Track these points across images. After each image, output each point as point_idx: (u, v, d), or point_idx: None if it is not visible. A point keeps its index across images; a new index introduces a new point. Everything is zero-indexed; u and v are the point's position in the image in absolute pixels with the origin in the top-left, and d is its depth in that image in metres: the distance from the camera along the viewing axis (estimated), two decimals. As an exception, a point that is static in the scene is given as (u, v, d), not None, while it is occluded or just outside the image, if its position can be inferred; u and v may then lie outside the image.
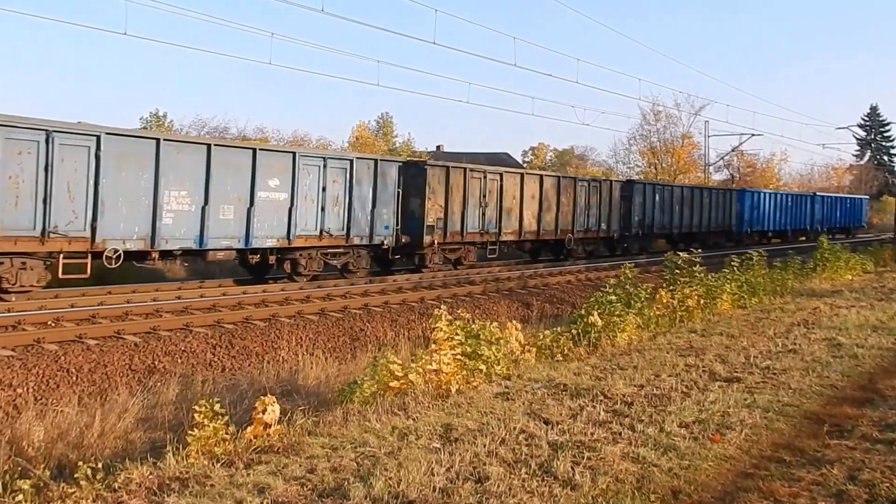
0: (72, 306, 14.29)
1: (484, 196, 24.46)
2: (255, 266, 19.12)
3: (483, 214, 24.47)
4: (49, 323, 12.78)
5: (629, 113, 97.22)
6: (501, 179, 25.41)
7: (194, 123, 45.79)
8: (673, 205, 35.55)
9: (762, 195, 45.61)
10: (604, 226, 30.74)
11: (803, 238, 47.53)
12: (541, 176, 28.27)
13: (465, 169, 24.06)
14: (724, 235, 40.46)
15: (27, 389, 9.87)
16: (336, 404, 7.84)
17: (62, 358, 10.93)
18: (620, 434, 6.75)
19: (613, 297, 11.58)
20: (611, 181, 32.67)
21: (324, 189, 19.39)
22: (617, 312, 11.37)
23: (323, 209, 19.37)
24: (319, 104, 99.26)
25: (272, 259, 18.82)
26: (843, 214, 56.07)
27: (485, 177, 24.73)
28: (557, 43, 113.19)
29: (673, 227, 35.49)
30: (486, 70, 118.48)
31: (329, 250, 20.03)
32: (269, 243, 18.24)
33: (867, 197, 65.67)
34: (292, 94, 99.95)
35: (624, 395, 8.08)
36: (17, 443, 7.87)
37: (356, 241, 20.34)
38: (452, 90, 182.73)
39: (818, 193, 54.01)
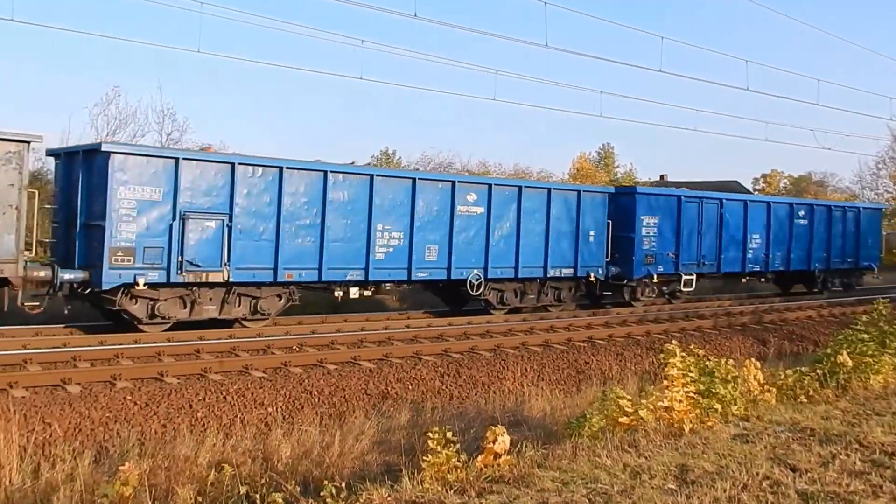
0: (313, 332, 15.38)
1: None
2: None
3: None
4: (294, 348, 13.84)
5: (877, 134, 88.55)
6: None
7: (421, 160, 47.98)
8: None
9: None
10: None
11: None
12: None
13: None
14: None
15: (276, 409, 10.69)
16: (563, 437, 7.76)
17: (306, 381, 11.74)
18: (881, 487, 6.10)
19: (865, 336, 10.60)
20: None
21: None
22: (870, 352, 10.37)
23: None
24: (541, 137, 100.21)
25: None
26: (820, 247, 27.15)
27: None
28: (795, 63, 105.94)
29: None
30: (715, 95, 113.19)
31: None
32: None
33: (883, 206, 36.93)
34: (515, 129, 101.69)
35: (883, 444, 7.32)
36: (268, 458, 8.54)
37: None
38: (679, 118, 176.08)
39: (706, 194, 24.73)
